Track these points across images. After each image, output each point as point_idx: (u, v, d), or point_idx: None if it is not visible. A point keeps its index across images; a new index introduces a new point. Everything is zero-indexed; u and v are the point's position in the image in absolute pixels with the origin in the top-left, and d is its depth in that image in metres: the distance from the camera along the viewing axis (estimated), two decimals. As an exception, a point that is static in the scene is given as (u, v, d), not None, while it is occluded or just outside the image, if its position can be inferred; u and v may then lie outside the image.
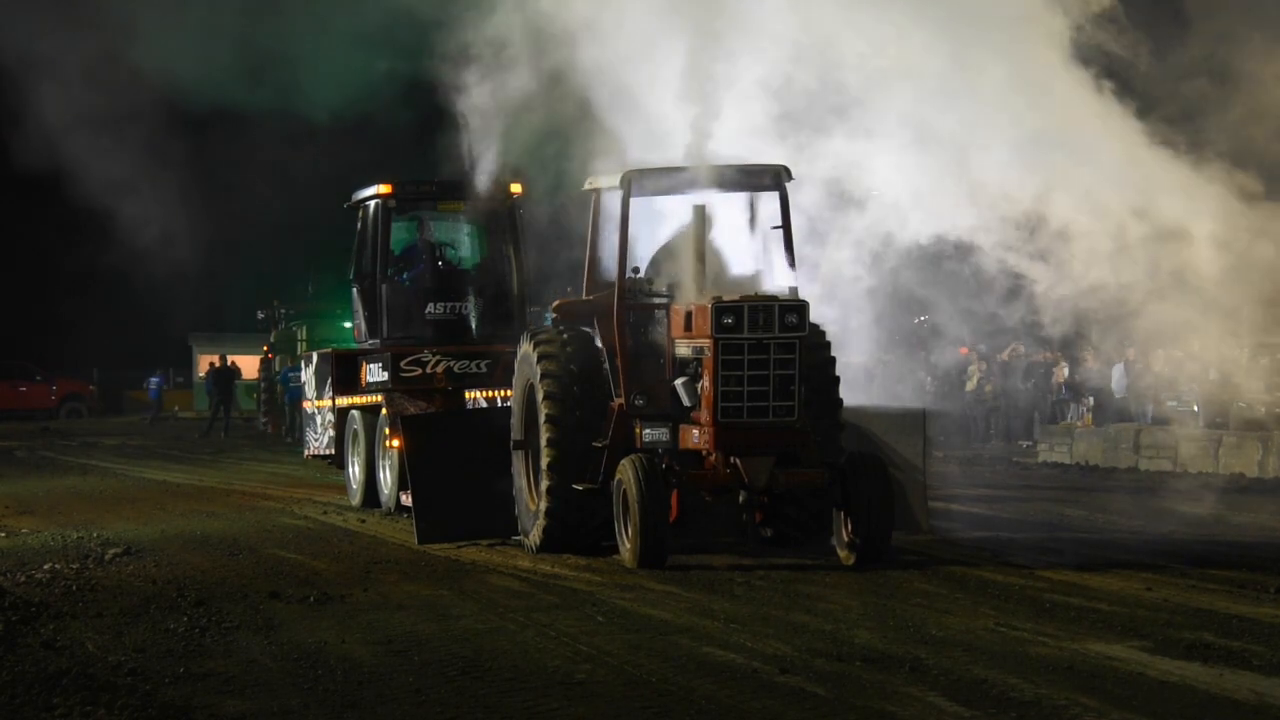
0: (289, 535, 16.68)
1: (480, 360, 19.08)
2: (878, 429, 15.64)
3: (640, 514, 13.23)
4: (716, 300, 13.45)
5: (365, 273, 19.68)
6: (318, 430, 21.29)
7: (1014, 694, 8.66)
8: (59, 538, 16.63)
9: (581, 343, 14.52)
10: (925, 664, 9.41)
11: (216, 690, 9.16)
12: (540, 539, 14.37)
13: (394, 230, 19.62)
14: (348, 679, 9.36)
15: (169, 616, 11.46)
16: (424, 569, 13.81)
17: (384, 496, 18.80)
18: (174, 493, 22.43)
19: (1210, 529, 16.71)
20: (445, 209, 20.01)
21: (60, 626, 11.17)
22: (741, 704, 8.59)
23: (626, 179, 14.15)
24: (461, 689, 9.06)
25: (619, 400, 14.13)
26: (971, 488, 21.25)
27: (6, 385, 50.83)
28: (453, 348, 19.15)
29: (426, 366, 19.04)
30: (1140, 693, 8.70)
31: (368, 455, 19.19)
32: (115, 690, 9.04)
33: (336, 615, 11.51)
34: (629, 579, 12.93)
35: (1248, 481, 22.40)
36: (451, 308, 19.57)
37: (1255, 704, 8.48)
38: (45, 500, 21.45)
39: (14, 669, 9.67)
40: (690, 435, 13.76)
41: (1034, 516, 17.90)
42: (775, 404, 13.44)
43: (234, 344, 46.84)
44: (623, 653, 9.91)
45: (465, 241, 20.42)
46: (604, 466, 13.94)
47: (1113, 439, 26.16)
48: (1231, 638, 10.15)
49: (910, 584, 12.51)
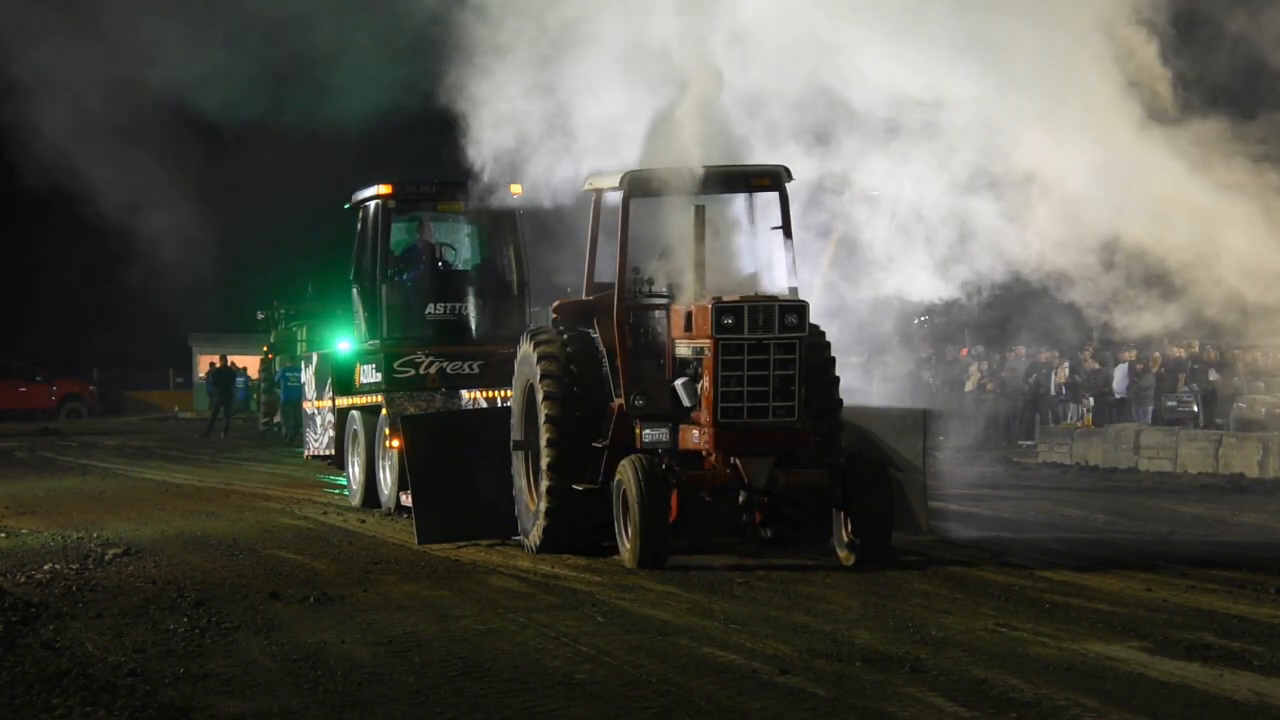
0: (289, 535, 16.68)
1: (473, 361, 19.11)
2: (878, 429, 15.64)
3: (640, 514, 13.23)
4: (716, 300, 13.45)
5: (365, 273, 19.69)
6: (318, 430, 21.31)
7: (1014, 694, 8.66)
8: (59, 538, 16.63)
9: (581, 343, 14.52)
10: (925, 664, 9.41)
11: (216, 690, 9.16)
12: (540, 539, 14.37)
13: (394, 231, 19.63)
14: (348, 679, 9.36)
15: (169, 617, 11.47)
16: (424, 569, 13.81)
17: (384, 497, 18.80)
18: (174, 493, 22.43)
19: (1210, 529, 16.71)
20: (445, 210, 20.02)
21: (60, 627, 11.17)
22: (741, 704, 8.59)
23: (626, 179, 14.15)
24: (461, 689, 9.06)
25: (619, 400, 14.13)
26: (971, 488, 21.26)
27: (6, 385, 50.81)
28: (445, 348, 19.18)
29: (420, 368, 19.09)
30: (1140, 693, 8.70)
31: (368, 455, 19.20)
32: (115, 691, 9.04)
33: (336, 615, 11.51)
34: (629, 579, 12.93)
35: (1248, 481, 22.41)
36: (451, 308, 19.58)
37: (1255, 704, 8.47)
38: (45, 501, 21.45)
39: (14, 669, 9.67)
40: (690, 436, 13.76)
41: (1034, 516, 17.90)
42: (775, 404, 13.43)
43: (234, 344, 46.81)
44: (623, 653, 9.91)
45: (465, 242, 20.43)
46: (604, 467, 13.94)
47: (1113, 439, 26.16)
48: (1231, 638, 10.15)
49: (910, 584, 12.51)
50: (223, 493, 22.27)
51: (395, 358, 19.11)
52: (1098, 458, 25.91)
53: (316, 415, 21.38)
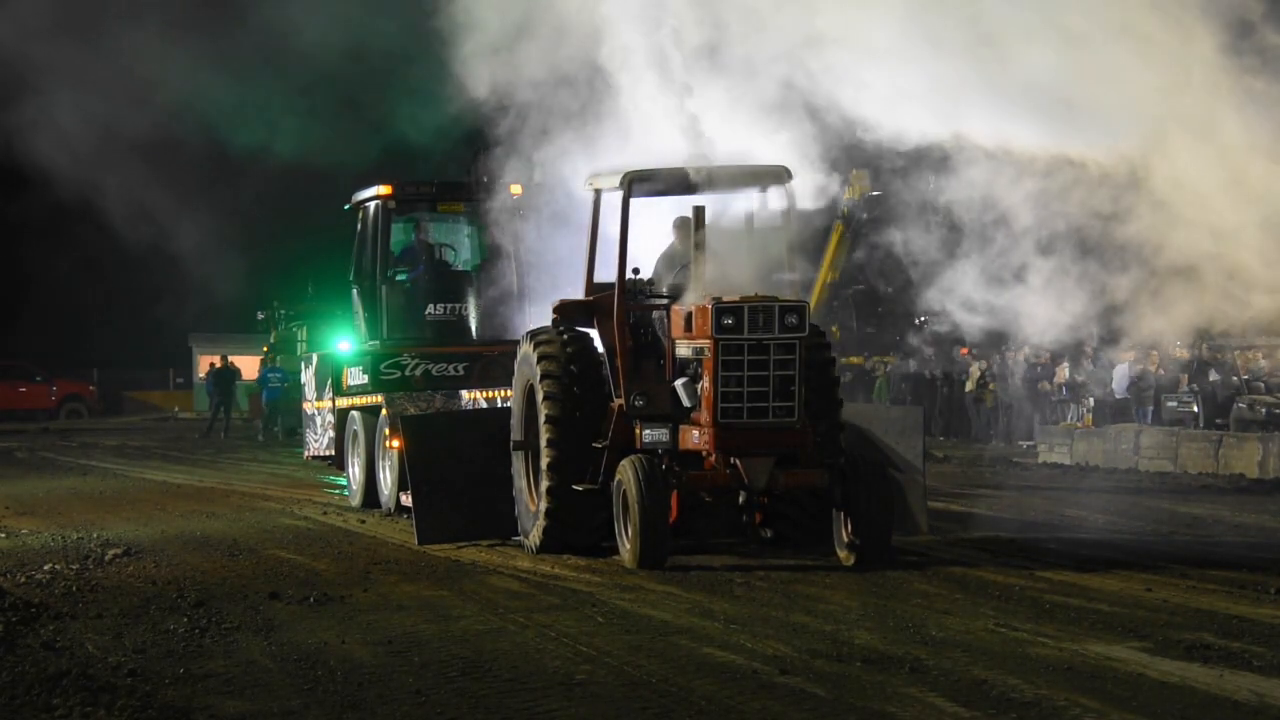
0: (289, 535, 16.68)
1: (459, 363, 19.18)
2: (878, 429, 15.65)
3: (640, 515, 13.23)
4: (716, 301, 13.45)
5: (365, 274, 19.71)
6: (318, 432, 21.31)
7: (1014, 694, 8.67)
8: (59, 538, 16.63)
9: (581, 343, 14.53)
10: (925, 664, 9.41)
11: (216, 691, 9.16)
12: (540, 539, 14.37)
13: (394, 231, 19.65)
14: (348, 680, 9.37)
15: (169, 617, 11.47)
16: (424, 569, 13.81)
17: (384, 497, 18.81)
18: (174, 493, 22.43)
19: (1210, 529, 16.71)
20: (445, 210, 20.05)
21: (60, 627, 11.17)
22: (741, 704, 8.59)
23: (627, 179, 14.14)
24: (461, 690, 9.06)
25: (619, 400, 14.13)
26: (971, 488, 21.27)
27: (6, 385, 50.79)
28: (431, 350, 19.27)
29: (405, 369, 19.19)
30: (1140, 693, 8.70)
31: (368, 456, 19.21)
32: (115, 691, 9.04)
33: (336, 616, 11.51)
34: (629, 579, 12.93)
35: (1248, 482, 22.41)
36: (451, 309, 19.61)
37: (1255, 704, 8.48)
38: (45, 501, 21.45)
39: (14, 670, 9.67)
40: (690, 436, 13.76)
41: (1034, 516, 17.89)
42: (775, 405, 13.43)
43: (234, 344, 46.80)
44: (623, 653, 9.91)
45: (465, 242, 20.45)
46: (604, 467, 13.94)
47: (1113, 439, 26.16)
48: (1231, 638, 10.15)
49: (910, 584, 12.51)
50: (223, 493, 22.26)
51: (382, 359, 19.20)
52: (1098, 458, 25.90)
53: (316, 416, 21.38)
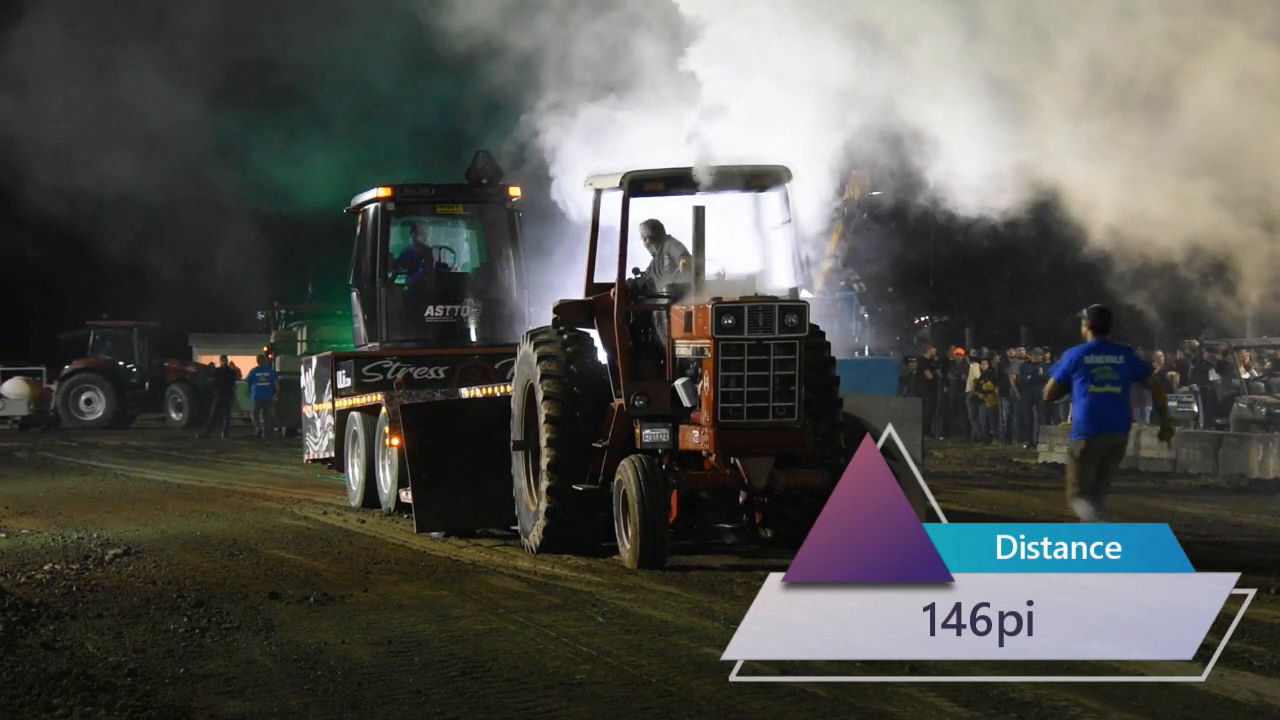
0: (289, 535, 16.68)
1: (438, 366, 19.27)
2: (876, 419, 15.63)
3: (640, 515, 13.24)
4: (716, 301, 13.45)
5: (365, 276, 19.73)
6: (317, 434, 21.30)
7: (1014, 694, 8.67)
8: (59, 538, 16.63)
9: (581, 343, 14.53)
10: (925, 664, 9.39)
11: (216, 691, 9.16)
12: (540, 539, 14.37)
13: (393, 234, 19.68)
14: (348, 680, 9.37)
15: (169, 617, 11.47)
16: (424, 569, 13.81)
17: (384, 497, 18.81)
18: (174, 493, 22.42)
19: (1210, 529, 16.70)
20: (444, 213, 20.07)
21: (60, 627, 11.17)
22: (741, 704, 8.59)
23: (627, 179, 14.15)
24: (461, 690, 9.06)
25: (619, 400, 14.13)
26: (971, 488, 21.26)
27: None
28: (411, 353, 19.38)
29: (387, 373, 19.29)
30: (1140, 693, 8.70)
31: (367, 456, 19.21)
32: (115, 691, 9.04)
33: (336, 616, 11.51)
34: (629, 579, 12.93)
35: (1248, 482, 22.40)
36: (450, 310, 19.64)
37: (1255, 704, 8.48)
38: (45, 501, 21.44)
39: (14, 669, 9.67)
40: (690, 436, 13.76)
41: (1034, 517, 17.87)
42: (775, 404, 13.43)
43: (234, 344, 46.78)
44: (623, 653, 9.91)
45: (464, 245, 20.47)
46: (604, 467, 13.94)
47: (1113, 439, 26.08)
48: (1231, 638, 10.13)
49: (910, 584, 12.47)
50: (223, 493, 22.26)
51: (364, 363, 19.33)
52: (1098, 458, 25.83)
53: (316, 419, 21.38)
